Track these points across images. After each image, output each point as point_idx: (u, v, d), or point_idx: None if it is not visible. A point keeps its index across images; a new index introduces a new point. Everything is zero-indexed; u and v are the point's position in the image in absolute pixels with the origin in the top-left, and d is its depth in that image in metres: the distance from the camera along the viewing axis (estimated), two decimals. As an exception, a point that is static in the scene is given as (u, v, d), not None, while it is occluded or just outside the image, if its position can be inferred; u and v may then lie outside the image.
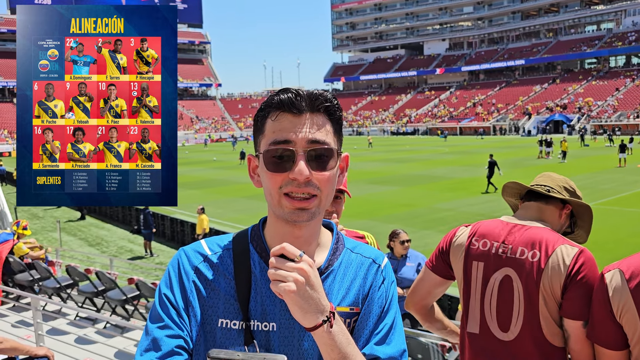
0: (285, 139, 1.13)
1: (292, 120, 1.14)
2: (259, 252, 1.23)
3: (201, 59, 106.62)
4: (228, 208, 21.28)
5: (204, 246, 1.26)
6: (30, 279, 9.10)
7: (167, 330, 1.15)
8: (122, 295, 8.22)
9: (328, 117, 1.18)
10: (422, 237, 14.43)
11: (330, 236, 1.31)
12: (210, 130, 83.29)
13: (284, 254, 1.04)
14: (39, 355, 3.82)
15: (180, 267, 1.22)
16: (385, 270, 1.31)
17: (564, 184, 2.31)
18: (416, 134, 74.98)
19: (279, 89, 1.21)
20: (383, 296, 1.27)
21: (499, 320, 2.15)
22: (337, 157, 1.19)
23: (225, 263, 1.23)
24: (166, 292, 1.19)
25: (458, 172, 29.45)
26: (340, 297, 1.23)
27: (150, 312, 1.20)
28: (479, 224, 2.30)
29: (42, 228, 21.07)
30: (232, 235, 1.30)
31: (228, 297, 1.19)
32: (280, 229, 1.21)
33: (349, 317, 1.23)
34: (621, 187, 22.47)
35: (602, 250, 13.17)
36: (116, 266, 13.19)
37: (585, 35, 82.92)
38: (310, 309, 1.04)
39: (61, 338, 6.26)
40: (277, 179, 1.14)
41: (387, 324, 1.25)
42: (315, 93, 1.17)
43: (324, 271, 1.23)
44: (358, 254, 1.30)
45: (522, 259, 2.09)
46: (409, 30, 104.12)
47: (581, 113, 64.16)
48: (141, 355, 1.14)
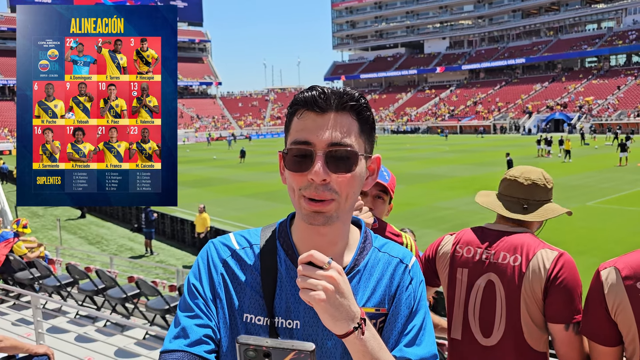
0: (305, 140, 1.11)
1: (315, 119, 1.12)
2: (285, 249, 1.23)
3: (201, 57, 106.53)
4: (228, 207, 21.28)
5: (232, 240, 1.26)
6: (31, 277, 9.10)
7: (196, 320, 1.16)
8: (122, 293, 8.22)
9: (355, 116, 1.15)
10: (423, 236, 14.43)
11: (358, 234, 1.29)
12: (210, 128, 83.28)
13: (312, 261, 1.02)
14: (39, 353, 3.83)
15: (210, 259, 1.23)
16: (413, 270, 1.28)
17: (542, 184, 2.25)
18: (417, 133, 74.92)
19: (279, 87, 1.20)
20: (411, 296, 1.25)
21: (482, 326, 2.18)
22: (360, 159, 1.15)
23: (252, 258, 1.23)
24: (195, 283, 1.20)
25: (458, 170, 29.45)
26: (366, 298, 1.22)
27: (180, 301, 1.21)
28: (463, 232, 2.34)
29: (43, 226, 21.08)
30: (260, 229, 1.30)
31: (253, 293, 1.19)
32: (306, 227, 1.20)
33: (375, 318, 1.22)
34: (621, 185, 22.46)
35: (602, 249, 13.18)
36: (116, 264, 13.18)
37: (586, 33, 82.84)
38: (341, 317, 1.02)
39: (61, 336, 6.27)
40: (297, 178, 1.13)
41: (417, 325, 1.23)
42: (341, 91, 1.13)
43: (349, 271, 1.22)
44: (385, 253, 1.28)
45: (504, 264, 2.12)
46: (409, 29, 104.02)
47: (581, 112, 64.13)
48: (170, 342, 1.14)
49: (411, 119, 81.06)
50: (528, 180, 2.23)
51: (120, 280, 9.42)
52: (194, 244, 16.62)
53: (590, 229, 15.26)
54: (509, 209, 2.23)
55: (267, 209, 19.81)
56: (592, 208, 18.29)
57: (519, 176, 2.25)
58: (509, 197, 2.26)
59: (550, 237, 2.32)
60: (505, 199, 2.28)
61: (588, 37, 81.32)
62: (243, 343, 0.92)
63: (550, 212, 2.21)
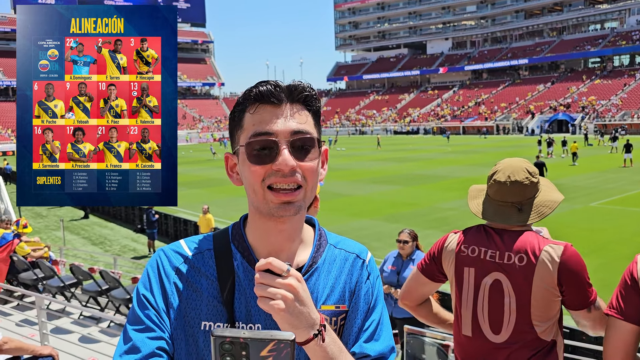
0: (266, 130, 1.10)
1: (272, 111, 1.11)
2: (241, 251, 1.20)
3: (204, 58, 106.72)
4: (230, 207, 21.29)
5: (183, 246, 1.22)
6: (35, 277, 9.13)
7: (147, 332, 1.11)
8: (126, 294, 8.24)
9: (307, 107, 1.16)
10: (426, 237, 14.39)
11: (312, 232, 1.28)
12: (213, 129, 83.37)
13: (270, 268, 0.99)
14: (44, 354, 3.84)
15: (160, 268, 1.18)
16: (370, 265, 1.29)
17: (529, 183, 2.27)
18: (420, 133, 74.85)
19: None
20: (369, 292, 1.25)
21: (491, 323, 2.24)
22: (318, 148, 1.15)
23: (207, 264, 1.19)
24: (145, 294, 1.16)
25: (461, 171, 29.41)
26: (326, 295, 1.20)
27: (129, 314, 1.16)
28: (467, 231, 2.39)
29: (46, 227, 21.13)
30: (212, 234, 1.26)
31: (211, 299, 1.16)
32: (263, 225, 1.17)
33: (335, 315, 1.21)
34: (625, 186, 22.39)
35: (606, 249, 13.13)
36: (120, 265, 13.21)
37: (589, 34, 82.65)
38: (301, 325, 0.99)
39: (65, 337, 6.29)
40: (260, 171, 1.10)
41: (375, 320, 1.24)
42: (294, 84, 1.14)
43: (308, 269, 1.20)
44: (341, 250, 1.28)
45: (510, 264, 2.18)
46: (412, 30, 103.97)
47: (585, 112, 63.97)
48: (120, 357, 1.09)
49: (414, 120, 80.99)
50: (515, 183, 2.25)
51: (124, 281, 9.44)
52: (197, 245, 16.57)
53: (594, 229, 15.21)
54: (505, 216, 2.27)
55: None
56: (596, 209, 18.23)
57: (506, 180, 2.26)
58: (501, 202, 2.28)
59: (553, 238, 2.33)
60: (497, 204, 2.30)
61: (591, 37, 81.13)
62: (219, 336, 0.87)
63: (547, 209, 2.25)
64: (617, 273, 2.08)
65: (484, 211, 2.32)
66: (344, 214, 18.73)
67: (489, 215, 2.29)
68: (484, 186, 2.43)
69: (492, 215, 2.28)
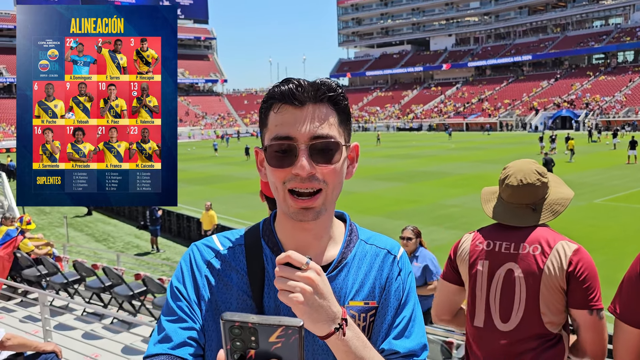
0: (287, 135, 1.10)
1: (294, 112, 1.10)
2: (270, 247, 1.21)
3: (207, 54, 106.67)
4: (233, 204, 21.32)
5: (215, 241, 1.24)
6: (38, 274, 9.17)
7: (179, 323, 1.14)
8: (129, 290, 8.26)
9: (333, 107, 1.14)
10: (429, 234, 14.40)
11: (343, 228, 1.28)
12: (216, 126, 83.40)
13: (290, 262, 0.99)
14: (47, 350, 3.86)
15: (193, 262, 1.21)
16: (401, 261, 1.27)
17: (540, 184, 2.35)
18: (423, 130, 74.69)
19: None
20: (400, 288, 1.24)
21: (501, 312, 2.29)
22: (343, 149, 1.15)
23: (237, 259, 1.21)
24: (178, 286, 1.18)
25: (464, 168, 29.37)
26: (354, 291, 1.20)
27: (164, 306, 1.19)
28: (482, 230, 2.46)
29: (49, 224, 21.21)
30: (244, 230, 1.28)
31: (241, 293, 1.18)
32: (289, 223, 1.18)
33: (364, 312, 1.20)
34: (630, 183, 22.33)
35: (610, 247, 13.10)
36: (123, 262, 13.25)
37: (593, 30, 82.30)
38: (321, 318, 1.00)
39: (68, 333, 6.31)
40: (280, 174, 1.11)
41: (406, 316, 1.23)
42: (318, 82, 1.12)
43: (337, 265, 1.20)
44: (372, 245, 1.27)
45: (524, 254, 2.24)
46: (415, 26, 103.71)
47: (589, 109, 63.75)
48: (154, 345, 1.13)
49: (417, 116, 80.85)
50: (528, 185, 2.32)
51: (127, 278, 9.45)
52: (200, 242, 16.61)
53: (598, 226, 15.18)
54: (521, 218, 2.33)
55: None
56: (600, 205, 18.19)
57: (518, 184, 2.33)
58: (516, 204, 2.36)
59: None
60: (512, 206, 2.37)
61: (595, 33, 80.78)
62: (228, 320, 0.88)
63: (560, 206, 2.33)
64: (622, 270, 2.07)
65: (500, 214, 2.39)
66: (347, 210, 18.46)
67: (506, 218, 2.36)
68: (496, 188, 2.50)
69: (509, 217, 2.35)
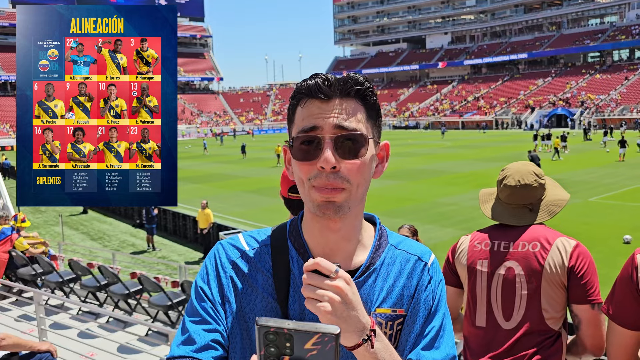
0: (312, 126, 1.07)
1: (320, 106, 1.08)
2: (297, 248, 1.18)
3: (203, 52, 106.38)
4: (230, 202, 21.30)
5: (241, 240, 1.22)
6: (33, 273, 9.14)
7: (203, 325, 1.12)
8: (124, 289, 8.25)
9: (360, 101, 1.11)
10: (426, 232, 14.42)
11: (372, 231, 1.25)
12: (212, 124, 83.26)
13: (318, 269, 0.96)
14: (42, 350, 3.85)
15: (218, 262, 1.18)
16: (432, 269, 1.23)
17: (537, 185, 2.39)
18: (419, 128, 74.75)
19: (280, 83, 1.16)
20: (430, 297, 1.20)
21: (504, 311, 2.30)
22: (370, 144, 1.12)
23: (263, 259, 1.18)
24: (202, 286, 1.16)
25: (461, 166, 29.43)
26: (382, 298, 1.16)
27: (187, 306, 1.17)
28: (479, 231, 2.49)
29: (45, 222, 21.14)
30: (271, 229, 1.25)
31: (266, 295, 1.15)
32: (317, 224, 1.15)
33: (391, 320, 1.17)
34: (624, 181, 22.43)
35: (603, 244, 13.16)
36: (119, 260, 13.22)
37: (589, 28, 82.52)
38: (349, 329, 0.96)
39: (64, 332, 6.30)
40: (305, 168, 1.09)
41: (435, 326, 1.18)
42: (345, 77, 1.10)
43: (365, 270, 1.16)
44: (402, 251, 1.23)
45: (523, 252, 2.27)
46: (411, 24, 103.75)
47: (584, 107, 63.94)
48: (177, 347, 1.10)
49: (413, 115, 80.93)
50: (525, 186, 2.37)
51: (123, 276, 9.44)
52: (196, 240, 16.64)
53: (593, 224, 15.25)
54: (519, 218, 2.37)
55: (269, 205, 19.79)
56: (595, 204, 18.27)
57: (516, 184, 2.38)
58: (513, 204, 2.39)
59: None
60: (509, 207, 2.41)
61: (591, 32, 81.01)
62: (263, 325, 0.86)
63: (556, 207, 2.39)
64: (615, 268, 2.09)
65: (498, 214, 2.43)
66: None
67: (504, 218, 2.40)
68: (493, 189, 2.54)
69: (507, 217, 2.39)
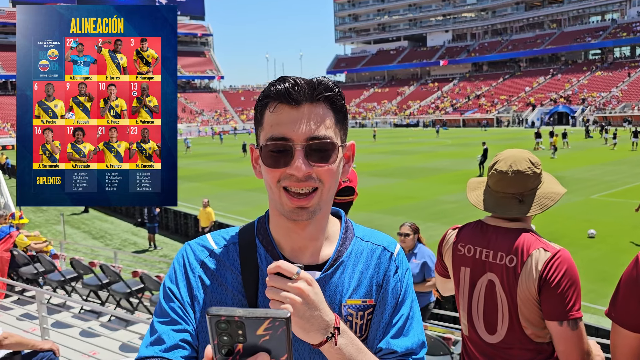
0: (282, 135, 1.08)
1: (289, 112, 1.08)
2: (265, 245, 1.20)
3: (203, 51, 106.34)
4: (231, 201, 21.31)
5: (209, 240, 1.22)
6: (35, 272, 9.15)
7: (172, 325, 1.13)
8: (126, 288, 8.25)
9: (329, 106, 1.12)
10: (427, 230, 14.41)
11: (338, 225, 1.27)
12: (213, 122, 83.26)
13: (280, 272, 0.99)
14: (44, 349, 3.85)
15: (186, 262, 1.19)
16: (398, 258, 1.26)
17: (531, 173, 2.19)
18: (420, 126, 74.70)
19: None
20: (397, 286, 1.23)
21: (486, 324, 2.23)
22: (339, 150, 1.13)
23: (231, 257, 1.19)
24: (171, 287, 1.17)
25: (461, 164, 29.41)
26: (352, 290, 1.19)
27: (156, 307, 1.18)
28: (464, 228, 2.36)
29: (46, 221, 21.16)
30: (239, 228, 1.26)
31: (235, 293, 1.16)
32: (284, 224, 1.17)
33: (362, 310, 1.19)
34: (625, 178, 22.40)
35: (605, 242, 13.15)
36: (120, 259, 13.23)
37: (590, 26, 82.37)
38: (312, 328, 1.00)
39: (66, 331, 6.30)
40: (275, 174, 1.10)
41: (404, 314, 1.21)
42: (315, 82, 1.10)
43: (332, 263, 1.19)
44: (369, 242, 1.25)
45: (501, 265, 2.14)
46: (412, 22, 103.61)
47: (585, 104, 63.84)
48: (146, 347, 1.11)
49: (414, 113, 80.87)
50: (517, 173, 2.17)
51: (125, 275, 9.45)
52: (198, 239, 16.61)
53: (594, 222, 15.23)
54: (505, 208, 2.20)
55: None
56: (596, 201, 18.25)
57: (507, 170, 2.18)
58: (501, 193, 2.21)
59: (553, 231, 2.35)
60: (497, 195, 2.23)
61: (592, 29, 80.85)
62: (214, 314, 0.87)
63: (549, 200, 2.17)
64: (617, 265, 2.07)
65: (484, 202, 2.26)
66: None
67: (490, 207, 2.23)
68: (484, 179, 2.38)
69: (493, 206, 2.22)
